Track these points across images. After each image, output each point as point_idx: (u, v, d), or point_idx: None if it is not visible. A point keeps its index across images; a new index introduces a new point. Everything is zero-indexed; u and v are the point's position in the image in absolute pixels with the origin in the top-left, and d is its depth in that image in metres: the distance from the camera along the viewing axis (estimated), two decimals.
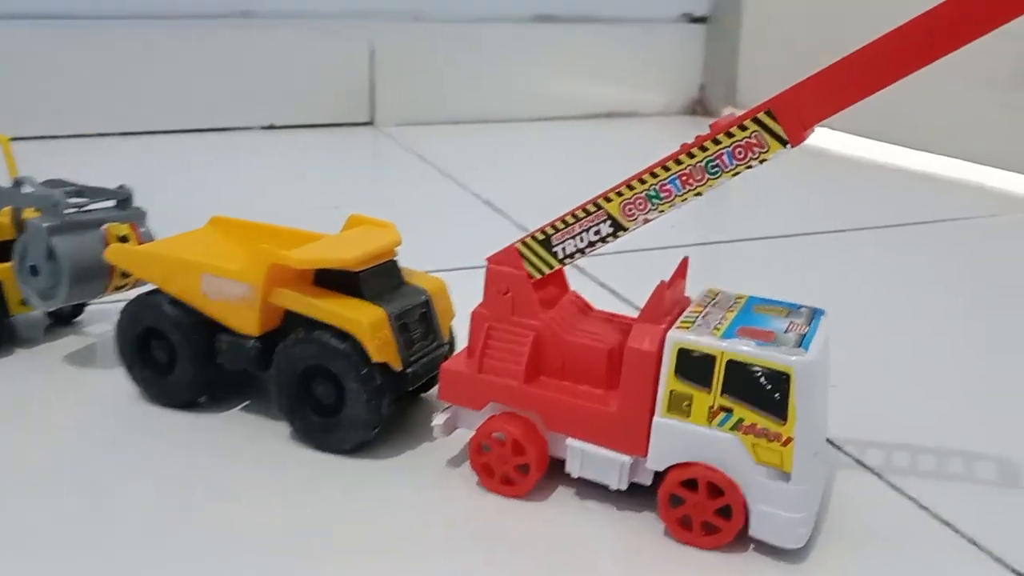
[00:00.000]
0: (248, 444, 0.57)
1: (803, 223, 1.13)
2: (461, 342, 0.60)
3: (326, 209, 1.02)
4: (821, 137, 0.49)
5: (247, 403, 0.62)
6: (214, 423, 0.59)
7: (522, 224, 1.08)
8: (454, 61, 1.74)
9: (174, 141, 1.53)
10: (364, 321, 0.53)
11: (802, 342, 0.46)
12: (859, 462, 0.57)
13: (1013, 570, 0.47)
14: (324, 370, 0.55)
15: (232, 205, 0.70)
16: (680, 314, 0.51)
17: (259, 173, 1.35)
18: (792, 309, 0.50)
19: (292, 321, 0.57)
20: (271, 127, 1.64)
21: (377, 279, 0.57)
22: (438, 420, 0.54)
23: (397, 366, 0.55)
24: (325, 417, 0.56)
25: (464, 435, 0.58)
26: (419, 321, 0.58)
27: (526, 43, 1.80)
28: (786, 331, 0.47)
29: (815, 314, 0.50)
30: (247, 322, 0.57)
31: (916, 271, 0.98)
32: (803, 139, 0.44)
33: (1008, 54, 1.35)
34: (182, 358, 0.59)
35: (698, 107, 1.96)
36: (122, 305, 0.61)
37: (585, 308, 0.55)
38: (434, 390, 0.63)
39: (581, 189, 0.54)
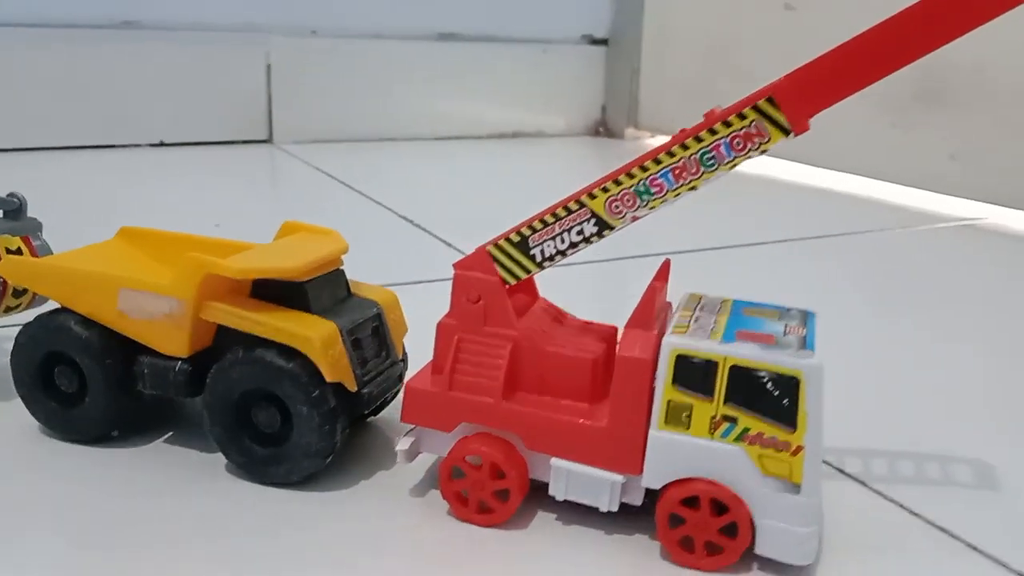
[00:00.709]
0: (175, 483, 0.49)
1: (711, 239, 1.11)
2: (414, 359, 0.55)
3: (208, 228, 0.93)
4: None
5: (170, 434, 0.54)
6: (132, 459, 0.52)
7: (445, 239, 1.03)
8: (355, 78, 1.68)
9: (54, 159, 1.41)
10: (314, 337, 0.47)
11: (805, 344, 0.43)
12: (840, 471, 0.55)
13: (1015, 571, 0.46)
14: (267, 394, 0.48)
15: (115, 225, 0.60)
16: (665, 321, 0.47)
17: (148, 193, 1.25)
18: (783, 311, 0.48)
19: (226, 339, 0.50)
20: (161, 144, 1.53)
21: (324, 290, 0.51)
22: (403, 444, 0.48)
23: (352, 386, 0.49)
24: (269, 447, 0.49)
25: (427, 461, 0.52)
26: (372, 336, 0.52)
27: (429, 61, 1.75)
28: (785, 334, 0.44)
29: (808, 316, 0.47)
30: (174, 342, 0.50)
31: (830, 280, 0.98)
32: (806, 128, 0.41)
33: (901, 76, 1.40)
34: (94, 386, 0.51)
35: (601, 128, 1.97)
36: (17, 329, 0.53)
37: (559, 316, 0.51)
38: (385, 413, 0.57)
39: (497, 206, 0.50)
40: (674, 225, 1.17)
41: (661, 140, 0.44)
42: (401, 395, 0.49)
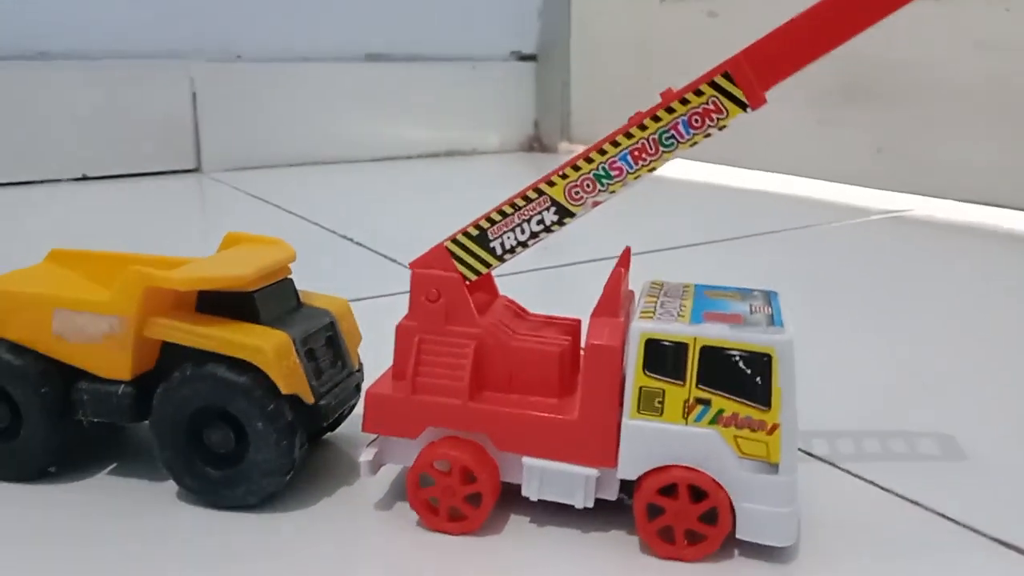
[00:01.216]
0: (124, 516, 0.46)
1: (646, 242, 1.11)
2: (367, 374, 0.53)
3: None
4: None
5: (114, 465, 0.51)
6: (75, 495, 0.48)
7: (389, 255, 1.01)
8: (283, 102, 1.66)
9: None
10: (266, 347, 0.45)
11: (773, 321, 0.43)
12: (808, 453, 0.55)
13: (990, 537, 0.46)
14: (220, 411, 0.46)
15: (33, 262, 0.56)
16: (629, 309, 0.46)
17: (72, 229, 1.20)
18: (745, 292, 0.47)
19: (172, 358, 0.47)
20: (84, 178, 1.48)
21: (273, 300, 0.49)
22: (366, 456, 0.46)
23: (308, 398, 0.46)
24: (223, 469, 0.46)
25: (390, 473, 0.50)
26: (326, 346, 0.50)
27: (358, 82, 1.74)
28: (752, 313, 0.44)
29: (770, 296, 0.47)
30: (115, 364, 0.47)
31: (767, 276, 0.98)
32: (763, 102, 0.41)
33: (826, 73, 1.43)
34: (30, 417, 0.48)
35: (535, 144, 1.97)
36: None
37: (520, 312, 0.49)
38: (341, 428, 0.55)
39: (437, 223, 0.48)
40: (607, 230, 1.17)
41: None
42: (360, 406, 0.47)
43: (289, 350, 0.46)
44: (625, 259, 0.48)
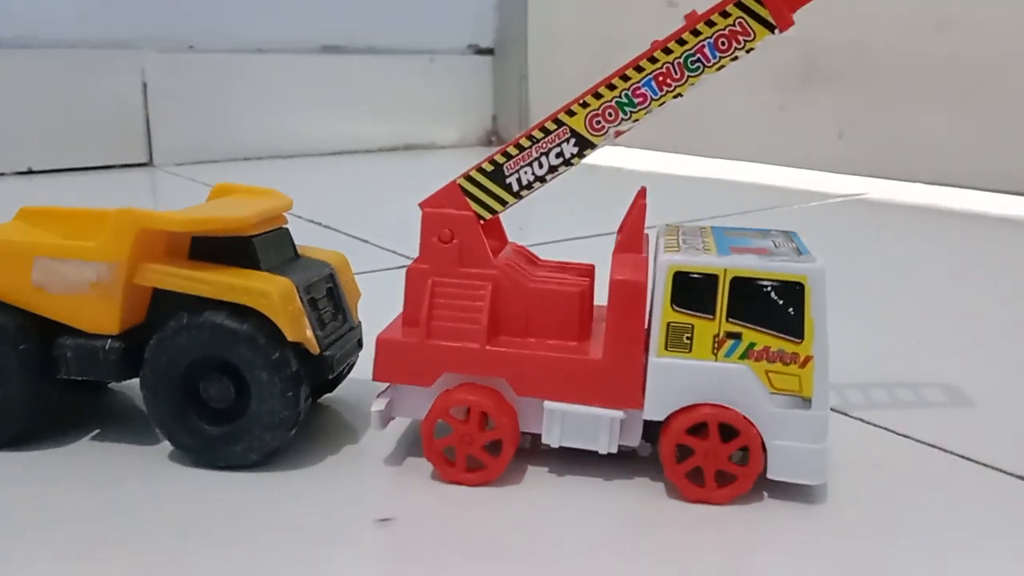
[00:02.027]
0: (116, 481, 0.43)
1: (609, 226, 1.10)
2: (368, 329, 0.50)
3: None
4: (614, 156, 0.44)
5: (98, 431, 0.48)
6: (59, 460, 0.45)
7: (361, 236, 0.98)
8: (238, 94, 1.61)
9: None
10: (272, 291, 0.42)
11: (800, 252, 0.42)
12: None
13: (1009, 473, 0.45)
14: (219, 362, 0.43)
15: None
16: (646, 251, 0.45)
17: None
18: (764, 231, 0.46)
19: (163, 310, 0.44)
20: (29, 172, 1.42)
21: (272, 248, 0.46)
22: (377, 406, 0.43)
23: (314, 348, 0.44)
24: (222, 425, 0.43)
25: (397, 428, 0.48)
26: (327, 298, 0.47)
27: (315, 74, 1.70)
28: (776, 247, 0.43)
29: (791, 234, 0.46)
30: (102, 317, 0.44)
31: None
32: (791, 23, 0.39)
33: (787, 56, 1.45)
34: (7, 376, 0.44)
35: (493, 137, 1.96)
36: None
37: (532, 257, 0.47)
38: (340, 390, 0.52)
39: (399, 214, 0.46)
40: (571, 218, 1.16)
41: None
42: (360, 364, 0.44)
43: (293, 295, 0.43)
44: (642, 196, 0.46)
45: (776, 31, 0.39)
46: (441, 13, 1.85)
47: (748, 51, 0.40)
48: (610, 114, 0.41)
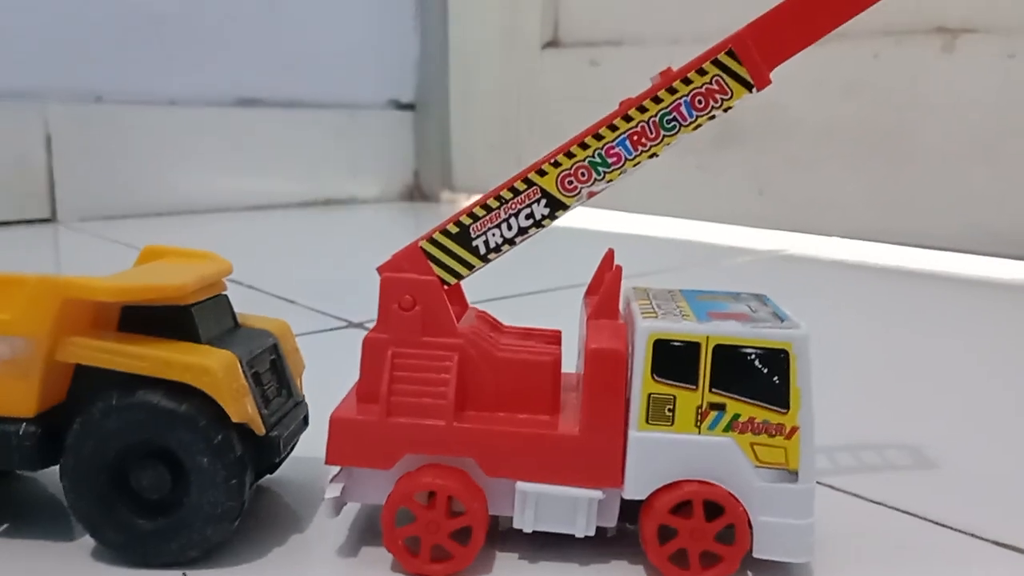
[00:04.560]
0: None
1: (534, 284, 1.08)
2: (312, 405, 0.46)
3: None
4: None
5: (6, 526, 0.42)
6: None
7: (287, 297, 0.93)
8: (149, 147, 1.54)
9: None
10: (215, 367, 0.38)
11: (780, 318, 0.40)
12: None
13: (987, 540, 0.44)
14: (154, 447, 0.38)
15: None
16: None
17: None
18: (736, 295, 0.44)
19: (85, 388, 0.40)
20: None
21: (212, 317, 0.42)
22: (331, 492, 0.39)
23: (259, 429, 0.40)
24: (156, 518, 0.39)
25: (350, 513, 0.44)
26: (271, 371, 0.43)
27: (230, 128, 1.65)
28: (754, 312, 0.41)
29: (763, 297, 0.44)
30: (16, 397, 0.39)
31: None
32: (768, 82, 0.38)
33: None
34: None
35: (415, 192, 1.93)
36: None
37: (496, 324, 0.45)
38: (283, 469, 0.48)
39: (321, 270, 0.44)
40: (492, 278, 1.13)
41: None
42: (304, 441, 0.40)
43: (237, 371, 0.39)
44: (610, 260, 0.44)
45: (754, 90, 0.38)
46: (362, 68, 1.82)
47: (725, 110, 0.39)
48: (583, 174, 0.39)
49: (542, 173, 0.39)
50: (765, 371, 0.38)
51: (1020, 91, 1.18)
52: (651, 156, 0.39)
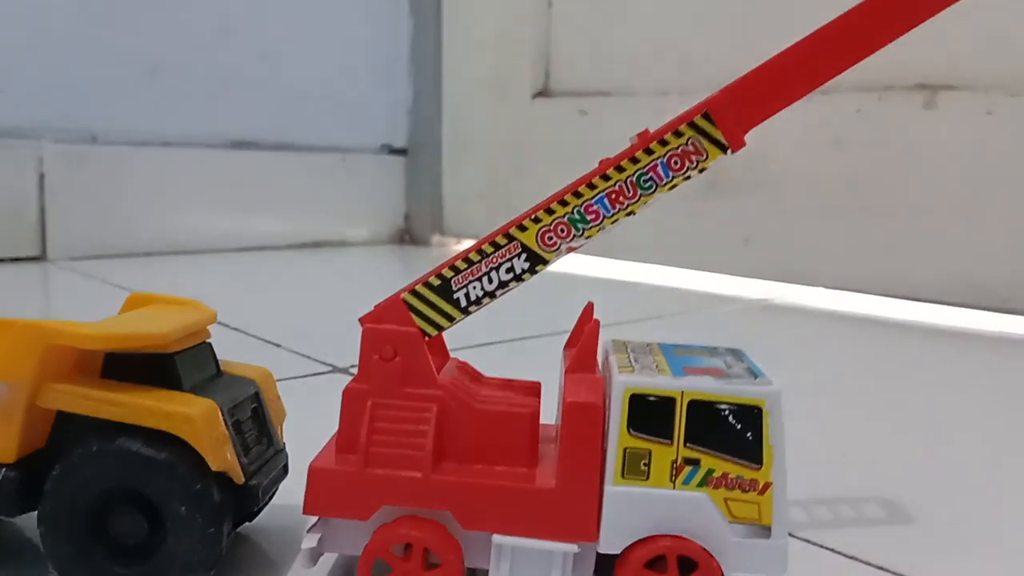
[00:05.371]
0: None
1: (519, 331, 1.09)
2: (294, 452, 0.47)
3: None
4: None
5: None
6: None
7: (274, 340, 0.94)
8: (142, 188, 1.55)
9: None
10: (195, 415, 0.38)
11: (754, 374, 0.41)
12: None
13: None
14: (132, 494, 0.38)
15: None
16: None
17: None
18: (712, 349, 0.45)
19: (66, 435, 0.40)
20: None
21: (194, 365, 0.43)
22: (308, 542, 0.40)
23: (239, 478, 0.40)
24: (131, 565, 0.39)
25: (328, 562, 0.44)
26: (251, 419, 0.44)
27: (223, 170, 1.66)
28: (728, 367, 0.42)
29: (739, 352, 0.45)
30: None
31: None
32: (743, 144, 0.40)
33: None
34: None
35: (405, 236, 1.94)
36: None
37: (476, 375, 0.45)
38: (262, 516, 0.48)
39: (310, 313, 0.44)
40: (476, 321, 1.14)
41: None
42: (282, 491, 0.41)
43: (217, 419, 0.39)
44: (590, 314, 0.45)
45: (729, 151, 0.39)
46: (355, 112, 1.85)
47: (701, 171, 0.40)
48: (562, 230, 0.40)
49: (523, 228, 0.40)
50: (739, 427, 0.39)
51: (998, 146, 1.21)
52: (628, 214, 0.40)
